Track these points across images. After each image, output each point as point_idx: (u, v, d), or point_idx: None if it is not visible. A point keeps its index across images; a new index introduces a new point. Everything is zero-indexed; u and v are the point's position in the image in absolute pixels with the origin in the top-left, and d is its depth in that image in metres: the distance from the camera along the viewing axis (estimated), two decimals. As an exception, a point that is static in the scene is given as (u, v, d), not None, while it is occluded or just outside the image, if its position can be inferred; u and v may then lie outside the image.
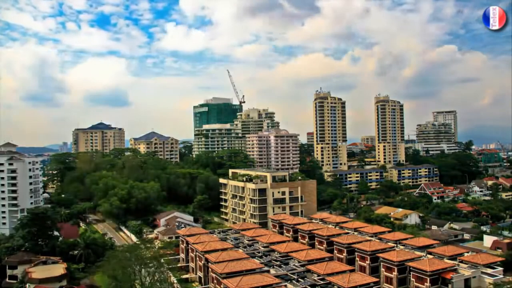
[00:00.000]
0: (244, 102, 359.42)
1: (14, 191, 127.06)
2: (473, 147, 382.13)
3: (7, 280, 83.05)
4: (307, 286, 63.38)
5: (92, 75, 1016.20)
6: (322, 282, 64.50)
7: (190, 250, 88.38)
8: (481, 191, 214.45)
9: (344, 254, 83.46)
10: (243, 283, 60.24)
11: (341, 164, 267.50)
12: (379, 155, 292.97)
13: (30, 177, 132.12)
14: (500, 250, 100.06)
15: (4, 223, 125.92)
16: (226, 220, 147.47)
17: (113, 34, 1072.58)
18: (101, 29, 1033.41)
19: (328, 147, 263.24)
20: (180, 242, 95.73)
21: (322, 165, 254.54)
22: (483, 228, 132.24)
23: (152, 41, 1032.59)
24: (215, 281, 68.60)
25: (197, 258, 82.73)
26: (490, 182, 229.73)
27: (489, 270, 71.09)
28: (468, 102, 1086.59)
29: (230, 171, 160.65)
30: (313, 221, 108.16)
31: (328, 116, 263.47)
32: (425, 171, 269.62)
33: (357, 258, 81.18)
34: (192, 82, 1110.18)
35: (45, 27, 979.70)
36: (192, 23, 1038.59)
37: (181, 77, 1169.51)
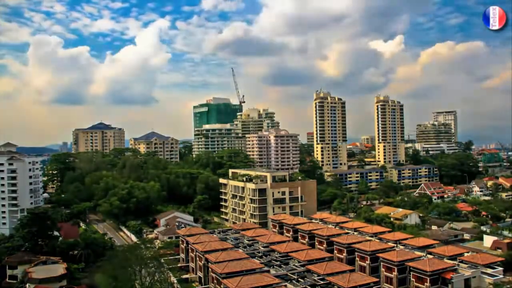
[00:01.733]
0: (244, 102, 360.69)
1: (14, 191, 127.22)
2: (473, 147, 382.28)
3: (7, 280, 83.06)
4: (307, 286, 63.37)
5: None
6: (322, 282, 64.49)
7: (190, 250, 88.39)
8: (481, 191, 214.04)
9: (344, 254, 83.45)
10: (243, 283, 60.25)
11: (341, 164, 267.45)
12: (379, 155, 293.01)
13: (30, 177, 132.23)
14: (500, 250, 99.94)
15: (4, 223, 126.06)
16: (226, 220, 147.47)
17: (35, 30, 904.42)
18: (20, 24, 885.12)
19: (328, 147, 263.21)
20: (180, 242, 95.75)
21: (322, 165, 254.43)
22: (483, 228, 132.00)
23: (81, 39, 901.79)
24: (215, 281, 68.61)
25: (197, 258, 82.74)
26: (490, 182, 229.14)
27: (489, 270, 71.09)
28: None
29: (230, 171, 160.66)
30: (313, 221, 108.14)
31: (328, 116, 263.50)
32: (425, 171, 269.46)
33: (357, 258, 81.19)
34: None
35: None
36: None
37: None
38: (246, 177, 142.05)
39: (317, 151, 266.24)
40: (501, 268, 73.05)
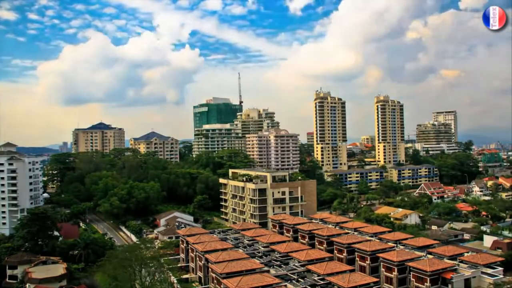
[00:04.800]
0: (243, 102, 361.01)
1: (14, 191, 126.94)
2: (473, 147, 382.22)
3: (7, 280, 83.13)
4: (307, 286, 63.39)
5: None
6: (322, 282, 64.50)
7: (190, 250, 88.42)
8: (481, 191, 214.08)
9: (344, 254, 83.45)
10: (243, 283, 60.24)
11: (341, 164, 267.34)
12: (379, 155, 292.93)
13: (30, 177, 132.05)
14: (500, 250, 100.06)
15: (4, 223, 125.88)
16: (226, 220, 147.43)
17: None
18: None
19: (328, 147, 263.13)
20: (180, 242, 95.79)
21: (322, 165, 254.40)
22: (483, 228, 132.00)
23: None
24: (215, 281, 68.62)
25: (197, 258, 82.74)
26: (490, 182, 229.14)
27: (489, 270, 71.10)
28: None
29: (230, 171, 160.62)
30: (313, 221, 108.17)
31: (328, 116, 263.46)
32: (425, 171, 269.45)
33: (357, 258, 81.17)
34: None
35: None
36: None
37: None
38: (246, 177, 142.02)
39: (317, 151, 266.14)
40: (501, 268, 73.05)
